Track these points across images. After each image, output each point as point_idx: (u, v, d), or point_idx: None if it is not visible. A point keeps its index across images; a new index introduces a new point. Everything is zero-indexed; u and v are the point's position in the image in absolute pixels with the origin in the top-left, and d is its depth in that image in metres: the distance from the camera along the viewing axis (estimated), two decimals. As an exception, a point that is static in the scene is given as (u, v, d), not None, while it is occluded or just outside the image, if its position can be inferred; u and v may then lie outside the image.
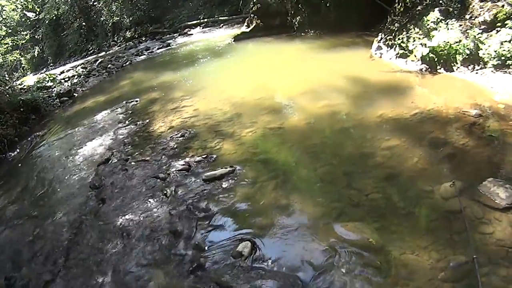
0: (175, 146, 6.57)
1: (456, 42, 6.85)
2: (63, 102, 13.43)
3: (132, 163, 6.45)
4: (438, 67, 7.22)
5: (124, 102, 10.62)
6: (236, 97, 8.20)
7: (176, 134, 7.00)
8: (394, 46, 8.45)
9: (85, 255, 4.57)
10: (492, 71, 6.35)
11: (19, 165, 8.53)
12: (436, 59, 7.21)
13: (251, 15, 16.10)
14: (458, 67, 6.90)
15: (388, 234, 3.63)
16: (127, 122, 8.77)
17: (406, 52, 8.07)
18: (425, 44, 7.40)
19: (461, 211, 3.60)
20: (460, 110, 5.57)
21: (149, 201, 5.20)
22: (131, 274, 4.03)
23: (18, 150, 9.47)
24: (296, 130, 6.17)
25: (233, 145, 6.09)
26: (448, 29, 7.14)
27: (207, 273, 3.72)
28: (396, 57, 8.31)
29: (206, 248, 4.07)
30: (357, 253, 3.49)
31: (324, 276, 3.34)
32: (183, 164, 5.79)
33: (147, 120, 8.36)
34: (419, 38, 7.74)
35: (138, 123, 8.39)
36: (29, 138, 10.08)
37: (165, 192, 5.27)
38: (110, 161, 6.83)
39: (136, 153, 6.82)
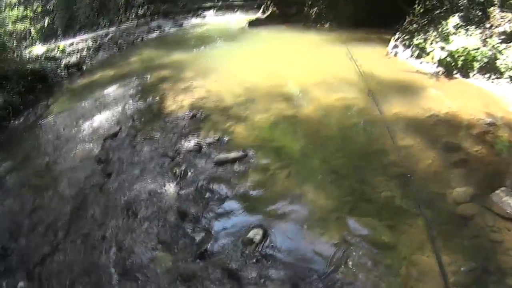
0: (186, 126, 6.45)
1: (475, 49, 6.83)
2: (71, 74, 13.25)
3: (141, 139, 6.34)
4: (455, 71, 7.19)
5: (134, 77, 10.44)
6: (248, 82, 8.07)
7: (187, 114, 6.86)
8: (411, 46, 8.39)
9: (87, 230, 4.48)
10: (508, 81, 6.36)
11: (23, 133, 8.36)
12: (453, 64, 7.17)
13: (268, 1, 15.93)
14: (475, 74, 6.88)
15: (400, 233, 3.64)
16: (136, 98, 8.62)
17: (423, 53, 8.01)
18: (444, 48, 7.35)
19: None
20: (474, 117, 5.57)
21: (157, 179, 5.10)
22: (135, 254, 3.96)
23: (22, 119, 9.34)
24: (310, 121, 6.12)
25: (246, 129, 6.02)
26: (467, 35, 7.11)
27: (215, 258, 3.68)
28: (412, 57, 8.25)
29: (215, 232, 4.02)
30: (369, 249, 3.50)
31: (335, 269, 3.33)
32: (194, 145, 5.70)
33: (157, 98, 8.19)
34: (438, 41, 7.68)
35: (148, 99, 8.23)
36: (34, 107, 9.95)
37: (174, 171, 5.18)
38: (118, 136, 6.69)
39: (145, 129, 6.69)
